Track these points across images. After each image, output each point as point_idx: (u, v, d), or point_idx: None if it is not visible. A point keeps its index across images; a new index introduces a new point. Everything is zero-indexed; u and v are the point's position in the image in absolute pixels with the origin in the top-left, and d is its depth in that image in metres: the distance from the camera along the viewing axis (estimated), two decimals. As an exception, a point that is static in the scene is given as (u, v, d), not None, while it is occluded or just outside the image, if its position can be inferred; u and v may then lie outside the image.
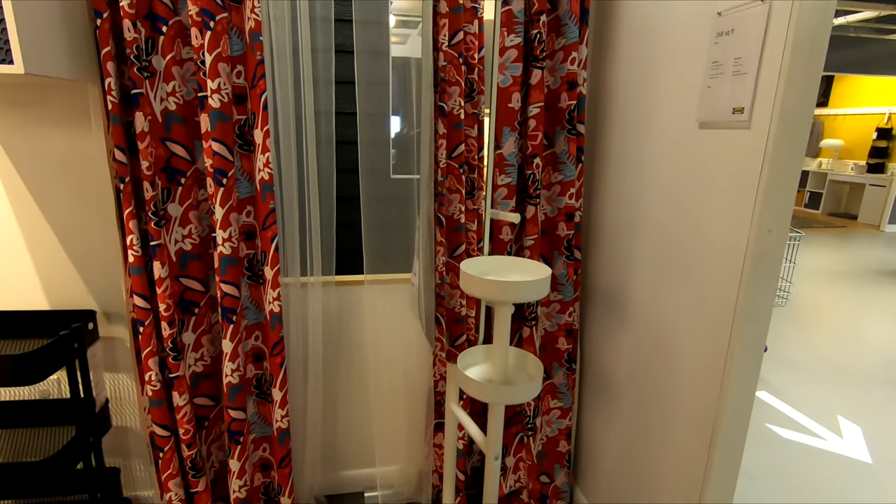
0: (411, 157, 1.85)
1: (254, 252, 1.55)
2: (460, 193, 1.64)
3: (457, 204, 1.66)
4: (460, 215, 1.65)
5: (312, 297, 1.65)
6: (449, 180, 1.64)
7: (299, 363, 1.70)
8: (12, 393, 1.61)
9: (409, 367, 1.82)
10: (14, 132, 1.45)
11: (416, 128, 1.87)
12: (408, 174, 1.83)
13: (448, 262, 1.69)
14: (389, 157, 1.88)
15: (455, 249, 1.67)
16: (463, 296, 1.72)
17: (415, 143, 1.77)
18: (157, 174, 1.41)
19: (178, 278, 1.50)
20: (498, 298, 1.08)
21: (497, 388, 1.13)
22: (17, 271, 1.54)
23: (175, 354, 1.47)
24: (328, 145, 1.61)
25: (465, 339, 1.74)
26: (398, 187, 1.76)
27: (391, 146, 1.86)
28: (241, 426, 1.57)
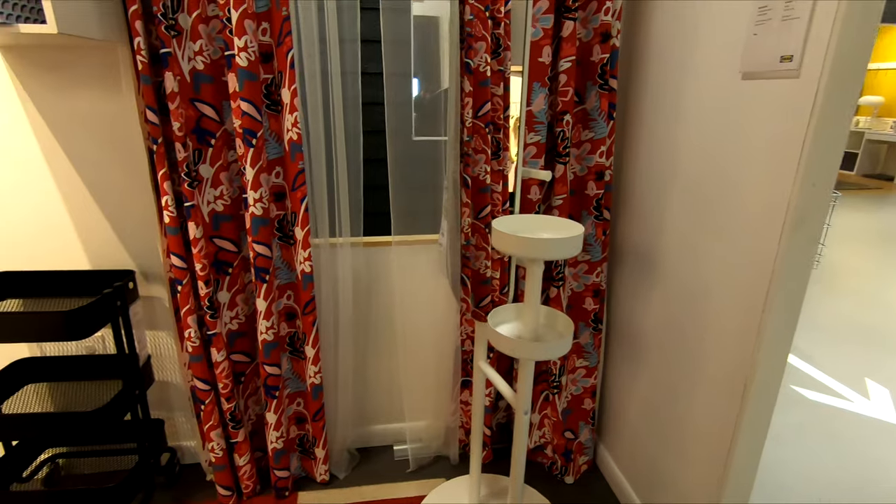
0: (434, 117, 1.82)
1: (283, 213, 1.57)
2: (486, 154, 1.62)
3: (482, 164, 1.64)
4: (486, 176, 1.64)
5: (342, 258, 1.68)
6: (475, 140, 1.62)
7: (330, 322, 1.74)
8: (62, 349, 1.70)
9: (436, 325, 1.85)
10: (49, 95, 1.47)
11: (440, 87, 1.84)
12: (430, 135, 1.80)
13: (473, 223, 1.69)
14: (412, 119, 1.86)
15: (480, 211, 1.67)
16: (488, 257, 1.73)
17: (442, 102, 1.74)
18: (187, 135, 1.42)
19: (212, 239, 1.54)
20: (530, 255, 1.08)
21: (528, 345, 1.15)
22: (58, 233, 1.59)
23: (212, 313, 1.52)
24: (355, 106, 1.59)
25: (489, 300, 1.75)
26: (424, 148, 1.75)
27: (413, 107, 1.83)
28: (277, 381, 1.63)
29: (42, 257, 1.60)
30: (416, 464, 1.90)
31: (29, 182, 1.53)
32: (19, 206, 1.55)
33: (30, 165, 1.52)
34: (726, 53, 1.15)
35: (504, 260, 1.76)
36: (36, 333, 1.31)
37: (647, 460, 1.58)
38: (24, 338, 1.32)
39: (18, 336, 1.32)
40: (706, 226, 1.24)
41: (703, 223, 1.25)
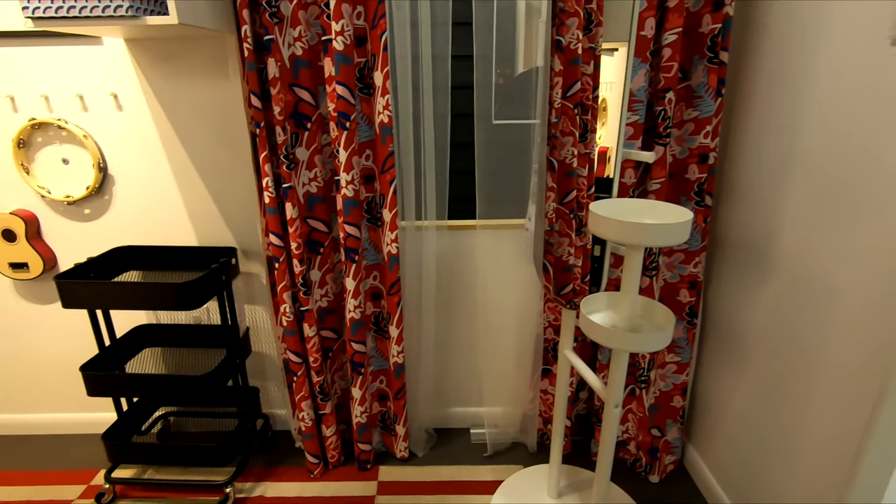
0: (517, 100, 1.77)
1: (372, 195, 1.60)
2: (573, 136, 1.55)
3: (569, 147, 1.57)
4: (572, 159, 1.57)
5: (427, 241, 1.69)
6: (562, 122, 1.55)
7: (414, 303, 1.77)
8: (173, 317, 1.86)
9: (517, 312, 1.82)
10: (166, 84, 1.59)
11: (519, 70, 1.78)
12: (513, 118, 1.75)
13: (558, 208, 1.63)
14: (491, 102, 1.82)
15: (566, 195, 1.60)
16: (571, 244, 1.67)
17: (525, 84, 1.69)
18: (286, 119, 1.48)
19: (306, 219, 1.60)
20: (632, 241, 1.02)
21: (625, 335, 1.09)
22: (171, 211, 1.73)
23: (305, 290, 1.59)
24: (444, 90, 1.58)
25: (571, 288, 1.69)
26: (508, 132, 1.71)
27: (493, 90, 1.79)
28: (363, 358, 1.68)
29: (157, 233, 1.76)
30: (493, 449, 1.90)
31: (148, 164, 1.68)
32: (139, 186, 1.70)
33: (149, 149, 1.66)
34: (871, 17, 1.01)
35: (587, 247, 1.69)
36: (152, 302, 1.45)
37: (745, 466, 1.47)
38: (142, 306, 1.45)
39: (138, 304, 1.45)
40: (836, 215, 1.10)
41: (831, 212, 1.12)
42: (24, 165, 1.65)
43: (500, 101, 1.81)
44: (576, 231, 1.60)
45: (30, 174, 1.67)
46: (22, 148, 1.64)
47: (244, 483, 1.75)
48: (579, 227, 1.62)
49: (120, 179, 1.69)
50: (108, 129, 1.63)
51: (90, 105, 1.61)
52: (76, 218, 1.74)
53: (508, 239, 1.76)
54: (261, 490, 1.73)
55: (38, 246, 1.73)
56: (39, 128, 1.63)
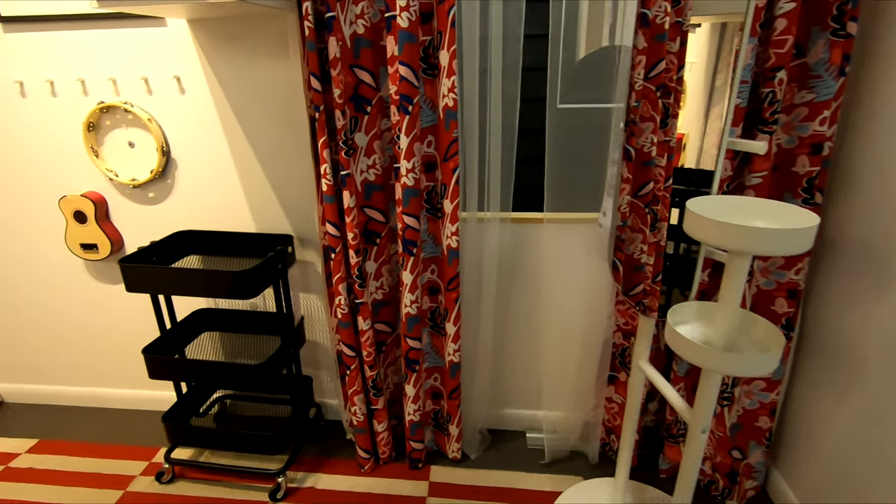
0: (589, 81, 1.60)
1: (433, 184, 1.51)
2: (654, 122, 1.39)
3: (649, 134, 1.41)
4: (651, 148, 1.41)
5: (489, 233, 1.58)
6: (643, 106, 1.39)
7: (472, 299, 1.67)
8: (230, 302, 1.86)
9: (584, 313, 1.69)
10: (227, 66, 1.55)
11: (587, 46, 1.61)
12: (583, 103, 1.59)
13: (632, 201, 1.48)
14: (557, 84, 1.66)
15: (641, 187, 1.44)
16: (645, 241, 1.51)
17: (607, 60, 1.52)
18: (346, 102, 1.40)
19: (363, 208, 1.53)
20: (740, 248, 0.87)
21: (722, 356, 0.94)
22: (230, 196, 1.71)
23: (360, 282, 1.53)
24: (513, 71, 1.45)
25: (641, 288, 1.54)
26: (584, 117, 1.55)
27: (559, 72, 1.63)
28: (418, 355, 1.61)
29: (217, 218, 1.75)
30: (551, 456, 1.79)
31: (208, 149, 1.66)
32: (200, 170, 1.69)
33: (210, 133, 1.64)
34: None
35: (660, 244, 1.53)
36: (209, 290, 1.43)
37: (844, 497, 1.28)
38: (200, 293, 1.44)
39: (195, 291, 1.44)
40: None
41: None
42: (93, 148, 1.68)
43: (567, 83, 1.65)
44: (650, 226, 1.45)
45: (99, 157, 1.69)
46: (92, 131, 1.66)
47: (296, 473, 1.74)
48: (654, 223, 1.46)
49: (182, 163, 1.69)
50: (171, 113, 1.62)
51: (154, 88, 1.60)
52: (141, 201, 1.76)
53: (577, 234, 1.62)
54: (312, 481, 1.71)
55: (106, 228, 1.76)
56: (107, 111, 1.64)
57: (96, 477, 1.74)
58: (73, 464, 1.81)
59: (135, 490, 1.68)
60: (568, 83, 1.57)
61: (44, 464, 1.81)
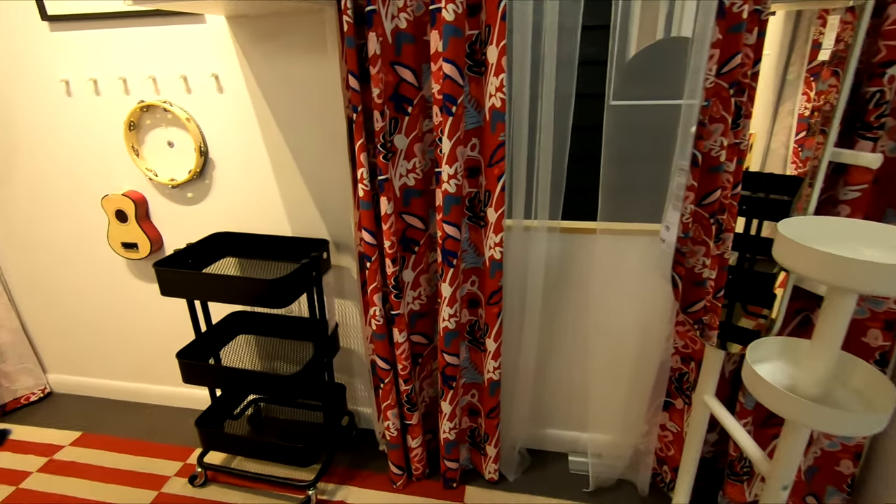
0: (650, 76, 1.44)
1: (476, 191, 1.40)
2: (725, 123, 1.23)
3: (718, 137, 1.25)
4: (720, 151, 1.25)
5: (535, 243, 1.46)
6: (713, 105, 1.23)
7: (515, 313, 1.56)
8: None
9: (638, 333, 1.54)
10: (265, 64, 1.49)
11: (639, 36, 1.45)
12: (641, 99, 1.43)
13: (696, 211, 1.32)
14: (609, 80, 1.51)
15: (706, 196, 1.29)
16: (708, 254, 1.35)
17: (686, 54, 1.36)
18: (385, 102, 1.31)
19: (402, 215, 1.44)
20: (849, 285, 0.72)
21: (814, 409, 0.79)
22: (266, 198, 1.66)
23: (396, 292, 1.44)
24: (569, 67, 1.32)
25: (702, 305, 1.39)
26: (649, 115, 1.40)
27: (612, 66, 1.47)
28: (455, 371, 1.51)
29: (253, 220, 1.70)
30: (595, 483, 1.66)
31: (246, 149, 1.61)
32: (238, 171, 1.65)
33: (247, 133, 1.59)
34: None
35: (724, 257, 1.37)
36: (243, 297, 1.38)
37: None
38: (233, 300, 1.39)
39: (228, 297, 1.39)
40: None
41: None
42: (134, 148, 1.66)
43: (626, 77, 1.50)
44: (714, 238, 1.30)
45: (139, 156, 1.68)
46: (132, 130, 1.65)
47: (327, 484, 1.69)
48: (718, 234, 1.31)
49: (220, 164, 1.65)
50: (209, 112, 1.58)
51: (193, 86, 1.56)
52: (180, 201, 1.74)
53: (633, 247, 1.47)
54: (343, 494, 1.65)
55: (146, 227, 1.76)
56: (147, 110, 1.62)
57: (133, 475, 1.75)
58: (112, 460, 1.82)
59: (168, 492, 1.68)
60: (626, 78, 1.42)
61: (85, 458, 1.84)
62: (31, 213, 1.88)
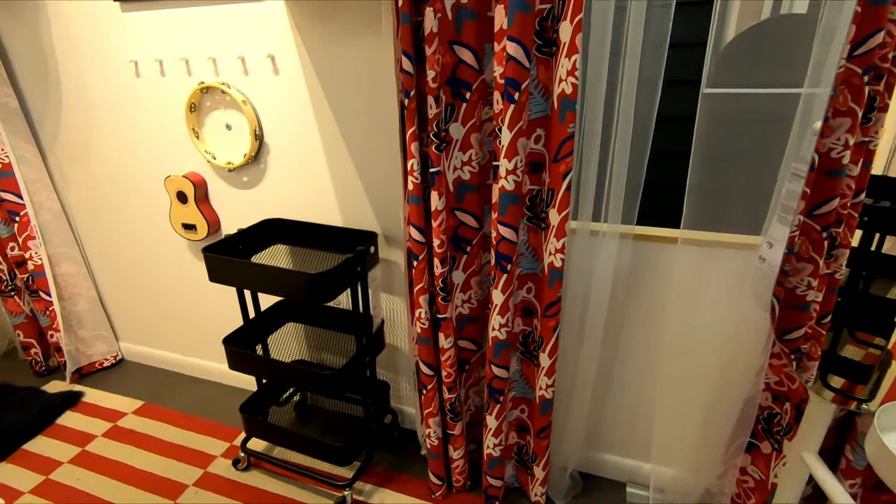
0: (759, 59, 1.20)
1: (538, 188, 1.24)
2: (854, 117, 1.00)
3: (842, 134, 1.02)
4: (843, 152, 1.02)
5: (603, 251, 1.28)
6: (839, 95, 1.00)
7: (574, 325, 1.39)
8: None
9: (720, 361, 1.33)
10: (320, 44, 1.41)
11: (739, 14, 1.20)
12: (745, 87, 1.19)
13: (804, 222, 1.09)
14: (705, 64, 1.27)
15: (820, 205, 1.07)
16: (815, 273, 1.12)
17: (811, 32, 1.11)
18: (441, 87, 1.18)
19: (454, 211, 1.32)
20: None
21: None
22: (319, 185, 1.60)
23: (444, 295, 1.33)
24: (658, 49, 1.12)
25: (802, 332, 1.16)
26: (755, 106, 1.17)
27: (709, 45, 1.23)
28: (503, 385, 1.38)
29: (305, 207, 1.65)
30: (655, 522, 1.48)
31: (299, 134, 1.55)
32: (291, 157, 1.60)
33: (301, 118, 1.53)
34: None
35: (835, 277, 1.13)
36: (284, 289, 1.32)
37: None
38: (276, 291, 1.34)
39: (271, 289, 1.35)
40: None
41: None
42: (194, 129, 1.66)
43: (722, 60, 1.26)
44: (825, 254, 1.08)
45: (199, 138, 1.67)
46: (193, 112, 1.64)
47: (365, 484, 1.64)
48: (831, 249, 1.09)
49: (274, 148, 1.61)
50: (265, 94, 1.54)
51: (250, 68, 1.52)
52: (237, 185, 1.72)
53: (723, 262, 1.26)
54: (380, 497, 1.59)
55: (204, 209, 1.76)
56: (207, 92, 1.61)
57: (183, 451, 1.79)
58: (167, 432, 1.89)
59: (213, 472, 1.70)
60: (727, 61, 1.19)
61: (143, 427, 1.92)
62: (105, 191, 1.95)
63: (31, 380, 2.22)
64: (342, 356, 1.85)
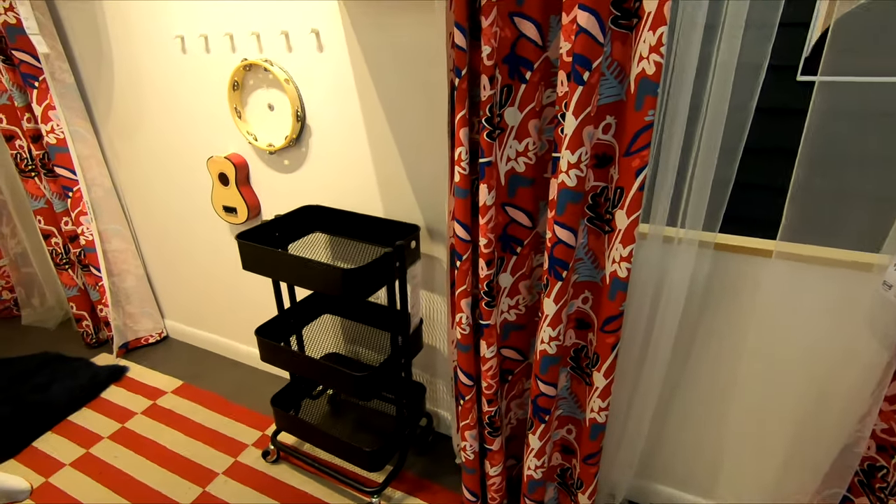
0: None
1: (603, 186, 1.07)
2: None
3: None
4: None
5: (678, 261, 1.11)
6: None
7: (636, 342, 1.23)
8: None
9: (815, 400, 1.12)
10: (367, 18, 1.29)
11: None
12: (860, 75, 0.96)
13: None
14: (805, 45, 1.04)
15: None
16: None
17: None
18: (498, 65, 1.03)
19: (504, 206, 1.17)
20: None
21: None
22: (361, 172, 1.50)
23: (489, 300, 1.19)
24: (764, 27, 0.92)
25: None
26: (889, 99, 0.95)
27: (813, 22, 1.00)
28: (549, 403, 1.24)
29: (346, 195, 1.56)
30: (717, 570, 1.30)
31: (343, 117, 1.45)
32: (333, 141, 1.50)
33: (345, 99, 1.42)
34: None
35: None
36: (316, 283, 1.23)
37: None
38: (307, 285, 1.26)
39: (303, 282, 1.26)
40: None
41: None
42: (237, 109, 1.59)
43: (843, 41, 1.03)
44: None
45: (241, 118, 1.61)
46: (236, 90, 1.57)
47: (395, 490, 1.55)
48: None
49: (316, 131, 1.51)
50: (308, 73, 1.44)
51: (294, 44, 1.42)
52: (278, 168, 1.65)
53: (828, 283, 1.05)
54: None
55: (245, 193, 1.71)
56: (250, 69, 1.53)
57: (217, 436, 1.77)
58: (203, 416, 1.87)
59: (244, 462, 1.66)
60: (848, 43, 0.97)
61: (181, 408, 1.92)
62: (153, 169, 1.94)
63: (83, 351, 2.28)
64: (379, 352, 1.76)
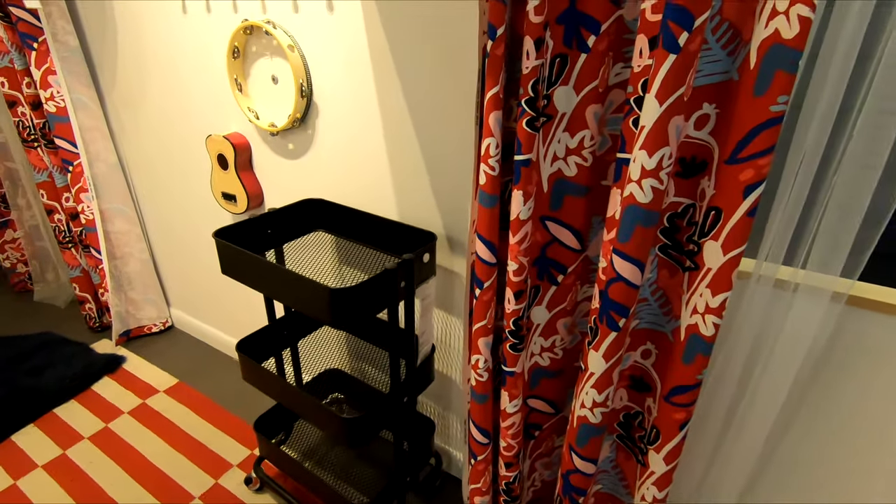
0: None
1: (689, 203, 0.76)
2: None
3: None
4: None
5: (793, 314, 0.78)
6: None
7: (715, 418, 0.91)
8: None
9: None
10: (382, -36, 1.01)
11: None
12: None
13: None
14: None
15: None
16: None
17: None
18: (549, 24, 0.73)
19: (545, 221, 0.88)
20: None
21: None
22: (374, 162, 1.23)
23: (516, 342, 0.90)
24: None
25: None
26: None
27: None
28: (586, 483, 0.94)
29: (356, 189, 1.30)
30: None
31: (355, 94, 1.18)
32: (343, 122, 1.24)
33: (358, 73, 1.15)
34: None
35: None
36: (299, 301, 0.98)
37: None
38: (290, 301, 1.00)
39: (284, 297, 1.01)
40: None
41: None
42: (237, 81, 1.36)
43: None
44: None
45: (242, 92, 1.37)
46: (237, 58, 1.34)
47: (388, 546, 1.29)
48: None
49: (324, 110, 1.26)
50: (316, 39, 1.18)
51: (301, 2, 1.16)
52: (281, 153, 1.41)
53: None
54: (403, 569, 1.24)
55: (245, 178, 1.48)
56: (251, 33, 1.29)
57: (201, 450, 1.57)
58: (191, 422, 1.69)
59: (224, 485, 1.46)
60: None
61: (171, 411, 1.74)
62: (161, 144, 1.75)
63: (86, 335, 2.15)
64: (386, 373, 1.51)
